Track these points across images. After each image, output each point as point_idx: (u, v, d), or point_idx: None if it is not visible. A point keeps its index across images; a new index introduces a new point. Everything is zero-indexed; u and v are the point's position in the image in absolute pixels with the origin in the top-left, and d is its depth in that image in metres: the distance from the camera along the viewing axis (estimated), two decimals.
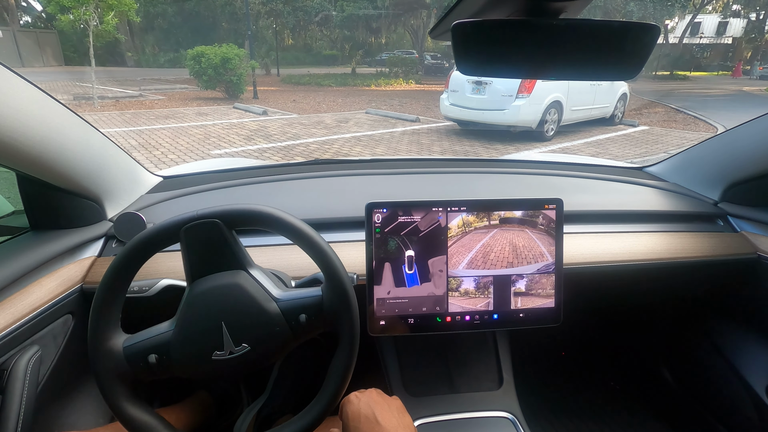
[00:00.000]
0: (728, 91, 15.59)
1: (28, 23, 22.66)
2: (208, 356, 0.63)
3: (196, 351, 0.63)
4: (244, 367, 0.65)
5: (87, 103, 9.54)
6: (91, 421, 0.94)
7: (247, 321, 0.64)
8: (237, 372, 0.65)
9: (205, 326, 0.63)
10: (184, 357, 0.63)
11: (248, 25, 15.85)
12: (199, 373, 0.65)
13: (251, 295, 0.65)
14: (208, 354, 0.63)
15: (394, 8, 20.65)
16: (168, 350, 0.63)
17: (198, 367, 0.64)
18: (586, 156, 5.89)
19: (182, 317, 0.64)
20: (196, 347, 0.63)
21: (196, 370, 0.64)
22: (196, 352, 0.63)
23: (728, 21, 29.33)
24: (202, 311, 0.64)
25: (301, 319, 0.66)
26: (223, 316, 0.63)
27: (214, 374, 0.65)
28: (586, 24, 0.50)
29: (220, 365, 0.63)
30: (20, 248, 0.82)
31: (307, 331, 0.67)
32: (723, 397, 1.23)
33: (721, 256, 1.10)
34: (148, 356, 0.62)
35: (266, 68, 20.18)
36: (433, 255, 0.87)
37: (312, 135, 7.03)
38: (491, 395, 1.01)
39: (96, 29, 9.88)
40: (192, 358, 0.63)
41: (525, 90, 6.46)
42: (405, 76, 17.21)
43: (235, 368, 0.64)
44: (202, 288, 0.65)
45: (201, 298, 0.65)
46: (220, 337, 0.63)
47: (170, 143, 6.17)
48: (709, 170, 1.26)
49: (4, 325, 0.71)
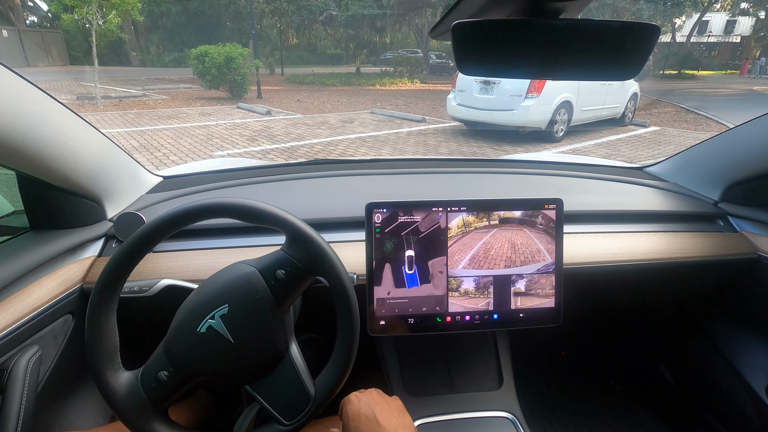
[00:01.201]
0: (738, 91, 15.46)
1: (34, 23, 22.82)
2: (194, 330, 0.63)
3: (186, 334, 0.64)
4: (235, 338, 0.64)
5: (90, 102, 9.57)
6: (91, 421, 0.94)
7: (225, 288, 0.65)
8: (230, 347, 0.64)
9: (193, 315, 0.64)
10: (181, 347, 0.63)
11: (252, 25, 15.87)
12: (201, 359, 0.64)
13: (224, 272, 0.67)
14: (194, 328, 0.63)
15: (398, 7, 20.63)
16: (172, 358, 0.63)
17: (191, 347, 0.63)
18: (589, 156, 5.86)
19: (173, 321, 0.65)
20: (186, 330, 0.64)
21: (195, 356, 0.64)
22: (186, 335, 0.64)
23: (736, 19, 29.13)
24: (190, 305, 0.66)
25: (279, 275, 0.65)
26: (218, 302, 0.64)
27: (208, 352, 0.64)
28: (586, 24, 0.49)
29: (211, 338, 0.63)
30: (20, 248, 0.83)
31: (288, 285, 0.66)
32: (723, 397, 1.23)
33: (721, 256, 1.09)
34: (157, 374, 0.63)
35: (270, 68, 20.21)
36: (433, 256, 0.87)
37: (316, 135, 7.01)
38: (491, 395, 1.01)
39: (99, 28, 9.92)
40: (185, 343, 0.64)
41: (534, 90, 6.36)
42: (410, 76, 17.18)
43: (226, 342, 0.63)
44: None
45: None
46: (202, 311, 0.64)
47: (172, 144, 6.16)
48: (709, 170, 1.25)
49: (4, 325, 0.72)
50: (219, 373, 0.64)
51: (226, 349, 0.63)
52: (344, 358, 0.66)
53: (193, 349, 0.63)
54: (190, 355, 0.64)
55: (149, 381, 0.63)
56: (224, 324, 0.63)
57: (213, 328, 0.63)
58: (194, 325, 0.63)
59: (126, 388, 0.63)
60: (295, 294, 0.67)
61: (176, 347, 0.64)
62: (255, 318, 0.64)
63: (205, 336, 0.63)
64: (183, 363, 0.63)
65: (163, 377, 0.63)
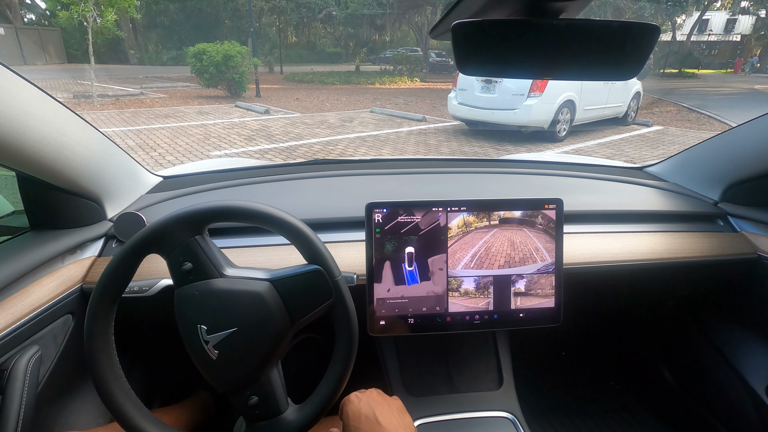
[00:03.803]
0: (739, 90, 15.44)
1: (31, 21, 22.74)
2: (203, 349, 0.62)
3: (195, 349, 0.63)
4: (244, 356, 0.64)
5: (87, 101, 9.52)
6: (91, 421, 0.94)
7: (233, 308, 0.64)
8: (242, 365, 0.64)
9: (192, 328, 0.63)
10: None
11: (251, 22, 15.85)
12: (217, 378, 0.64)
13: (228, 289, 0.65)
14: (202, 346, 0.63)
15: (398, 5, 20.59)
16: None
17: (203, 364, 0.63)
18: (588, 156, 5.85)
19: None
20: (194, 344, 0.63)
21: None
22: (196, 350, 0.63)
23: (737, 18, 29.11)
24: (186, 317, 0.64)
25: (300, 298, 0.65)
26: (202, 318, 0.63)
27: (219, 370, 0.64)
28: (586, 24, 0.49)
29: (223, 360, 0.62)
30: (20, 248, 0.82)
31: (306, 308, 0.65)
32: (723, 397, 1.23)
33: (721, 256, 1.10)
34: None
35: (269, 66, 20.17)
36: (433, 253, 0.87)
37: (315, 135, 6.98)
38: (491, 395, 1.01)
39: (96, 26, 9.84)
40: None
41: (537, 89, 6.32)
42: (410, 74, 17.17)
43: (236, 360, 0.63)
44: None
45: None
46: (208, 325, 0.63)
47: (169, 144, 6.10)
48: (709, 170, 1.25)
49: (4, 325, 0.71)
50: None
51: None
52: (344, 358, 0.66)
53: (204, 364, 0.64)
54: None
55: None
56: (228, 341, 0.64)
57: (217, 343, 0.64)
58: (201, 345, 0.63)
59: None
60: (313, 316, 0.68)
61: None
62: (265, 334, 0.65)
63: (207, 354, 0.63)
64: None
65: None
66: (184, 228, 0.65)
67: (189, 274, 0.65)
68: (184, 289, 0.65)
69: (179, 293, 0.65)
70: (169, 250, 0.65)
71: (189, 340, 0.63)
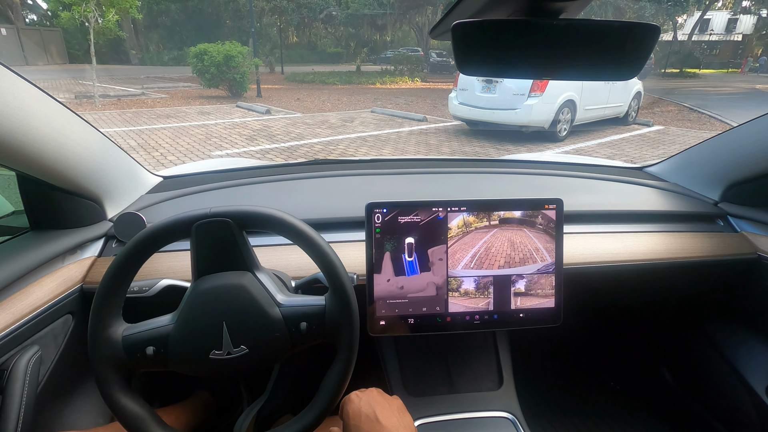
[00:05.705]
0: (740, 89, 15.39)
1: (33, 21, 22.77)
2: (206, 354, 0.63)
3: (194, 348, 0.63)
4: (241, 369, 0.65)
5: (88, 101, 9.53)
6: (91, 421, 0.94)
7: (247, 323, 0.64)
8: (233, 372, 0.65)
9: (205, 324, 0.64)
10: (181, 352, 0.64)
11: (252, 23, 15.82)
12: (195, 370, 0.65)
13: (255, 297, 0.65)
14: (206, 352, 0.63)
15: (399, 5, 20.59)
16: (166, 343, 0.63)
17: (194, 364, 0.64)
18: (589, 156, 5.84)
19: (184, 313, 0.65)
20: (195, 344, 0.64)
21: (191, 366, 0.65)
22: (194, 349, 0.63)
23: (738, 18, 29.05)
24: (204, 308, 0.64)
25: (302, 327, 0.66)
26: (224, 316, 0.64)
27: (210, 373, 0.65)
28: (586, 24, 0.49)
29: (217, 364, 0.63)
30: (20, 248, 0.83)
31: (305, 339, 0.67)
32: (723, 397, 1.23)
33: (721, 256, 1.09)
34: (146, 347, 0.63)
35: (270, 66, 20.17)
36: (433, 244, 0.87)
37: (316, 135, 6.97)
38: (491, 395, 1.01)
39: (97, 26, 9.85)
40: (189, 355, 0.64)
41: (538, 89, 6.31)
42: (410, 74, 17.15)
43: (232, 369, 0.65)
44: (206, 286, 0.65)
45: (204, 295, 0.65)
46: (219, 337, 0.63)
47: (170, 144, 6.10)
48: (709, 170, 1.25)
49: (4, 325, 0.72)
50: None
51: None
52: (346, 359, 0.67)
53: (196, 364, 0.65)
54: (186, 366, 0.65)
55: (135, 350, 0.64)
56: (235, 360, 0.65)
57: (222, 359, 0.64)
58: (205, 353, 0.64)
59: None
60: (310, 344, 0.70)
61: (177, 351, 0.64)
62: (269, 355, 0.67)
63: (211, 361, 0.64)
64: (175, 364, 0.64)
65: (150, 352, 0.63)
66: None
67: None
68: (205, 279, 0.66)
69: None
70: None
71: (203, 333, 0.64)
